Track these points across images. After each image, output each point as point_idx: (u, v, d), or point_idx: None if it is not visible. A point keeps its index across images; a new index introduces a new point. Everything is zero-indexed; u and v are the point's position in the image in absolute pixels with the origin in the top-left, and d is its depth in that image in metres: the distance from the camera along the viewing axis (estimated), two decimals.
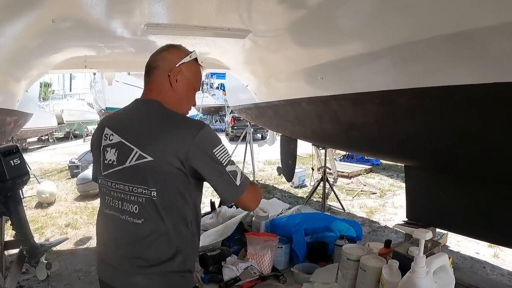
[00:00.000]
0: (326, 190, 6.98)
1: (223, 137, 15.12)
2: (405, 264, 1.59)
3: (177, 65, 1.65)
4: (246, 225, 2.52)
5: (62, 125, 20.67)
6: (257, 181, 9.19)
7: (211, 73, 30.75)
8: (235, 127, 17.58)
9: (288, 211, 2.60)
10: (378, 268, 1.69)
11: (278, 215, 2.52)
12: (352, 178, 9.41)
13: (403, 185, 8.13)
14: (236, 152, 10.07)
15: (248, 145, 9.28)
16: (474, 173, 3.46)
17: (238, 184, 1.55)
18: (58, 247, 5.05)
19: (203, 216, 2.79)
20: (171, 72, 1.64)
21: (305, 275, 2.05)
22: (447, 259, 1.49)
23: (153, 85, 1.68)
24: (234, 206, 2.74)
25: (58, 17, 2.51)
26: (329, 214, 2.93)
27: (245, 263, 2.08)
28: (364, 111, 3.96)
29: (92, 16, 2.64)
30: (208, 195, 3.54)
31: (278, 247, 2.15)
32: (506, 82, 2.40)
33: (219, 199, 2.89)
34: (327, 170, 7.69)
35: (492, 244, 4.91)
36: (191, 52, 1.72)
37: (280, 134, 7.23)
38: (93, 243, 5.39)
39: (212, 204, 2.77)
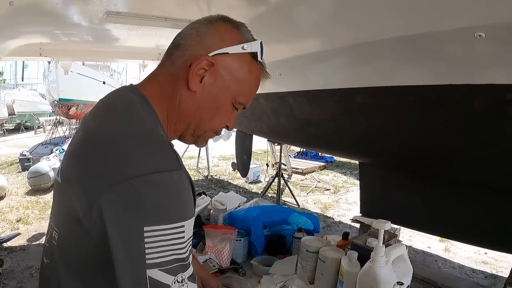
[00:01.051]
0: (281, 186, 7.02)
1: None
2: (364, 255, 1.61)
3: (211, 54, 1.03)
4: (204, 218, 2.50)
5: (13, 116, 19.83)
6: (211, 176, 9.15)
7: None
8: None
9: (246, 204, 2.59)
10: (337, 259, 1.71)
11: (236, 208, 2.50)
12: (306, 175, 9.52)
13: (357, 182, 8.39)
14: (190, 148, 10.00)
15: None
16: (426, 171, 3.58)
17: None
18: (9, 243, 4.93)
19: None
20: (195, 62, 1.03)
21: (264, 267, 2.05)
22: (405, 249, 1.53)
23: (159, 71, 1.11)
24: None
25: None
26: (287, 207, 2.94)
27: (203, 256, 2.06)
28: (320, 108, 4.01)
29: (50, 0, 2.55)
30: None
31: (236, 240, 2.14)
32: (461, 84, 2.49)
33: None
34: (283, 166, 7.74)
35: (443, 239, 5.10)
36: (251, 40, 1.09)
37: (235, 129, 7.22)
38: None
39: None
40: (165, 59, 1.10)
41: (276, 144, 7.37)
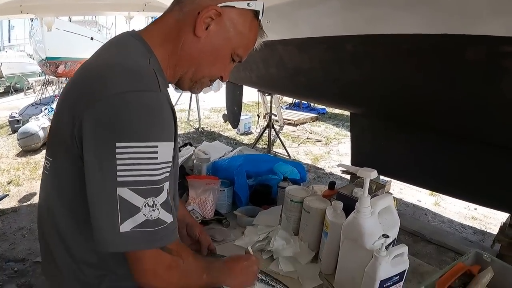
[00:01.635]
0: (272, 137, 6.96)
1: (171, 89, 14.80)
2: (349, 206, 1.54)
3: (220, 5, 1.09)
4: (188, 169, 2.42)
5: (2, 79, 19.34)
6: (202, 128, 9.06)
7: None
8: None
9: (230, 153, 2.50)
10: (322, 210, 1.65)
11: (220, 157, 2.42)
12: (298, 126, 9.45)
13: (349, 133, 8.21)
14: (181, 100, 9.86)
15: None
16: (418, 122, 3.52)
17: (122, 232, 0.92)
18: (0, 206, 4.88)
19: None
20: (204, 10, 1.07)
21: (248, 218, 1.99)
22: (392, 200, 1.46)
23: (165, 17, 1.15)
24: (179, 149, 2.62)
25: None
26: (272, 155, 2.86)
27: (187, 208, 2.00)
28: (310, 56, 3.89)
29: None
30: None
31: (220, 190, 2.07)
32: (455, 34, 2.39)
33: None
34: (274, 117, 7.65)
35: (433, 193, 5.08)
36: None
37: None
38: (36, 199, 5.13)
39: None
40: (173, 6, 1.14)
41: (266, 94, 7.25)
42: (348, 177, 5.22)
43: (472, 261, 1.58)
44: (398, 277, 1.38)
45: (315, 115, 10.53)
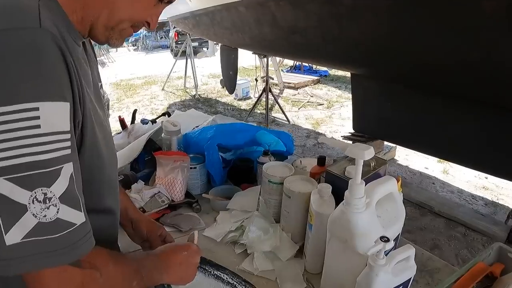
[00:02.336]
0: (271, 102, 6.61)
1: (167, 54, 14.28)
2: (341, 190, 1.21)
3: None
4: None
5: None
6: (199, 95, 8.68)
7: None
8: (179, 42, 16.49)
9: (204, 123, 2.15)
10: (305, 194, 1.31)
11: (194, 128, 2.07)
12: (298, 89, 9.07)
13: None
14: (176, 68, 9.48)
15: (189, 59, 8.71)
16: (425, 83, 3.26)
17: (8, 245, 0.62)
18: None
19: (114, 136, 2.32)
20: None
21: (223, 201, 1.67)
22: (395, 185, 1.11)
23: None
24: (152, 122, 2.28)
25: None
26: (254, 124, 2.51)
27: (151, 190, 1.67)
28: (306, 13, 3.52)
29: None
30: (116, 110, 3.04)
31: (191, 168, 1.75)
32: None
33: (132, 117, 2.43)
34: (273, 81, 7.30)
35: (442, 160, 4.75)
36: None
37: (219, 44, 6.70)
38: None
39: (122, 121, 2.28)
40: None
41: (262, 56, 6.85)
42: (350, 142, 4.89)
43: (494, 257, 1.26)
44: (401, 287, 1.07)
45: (316, 78, 10.12)
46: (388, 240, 0.96)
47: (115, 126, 2.38)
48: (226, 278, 1.22)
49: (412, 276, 1.07)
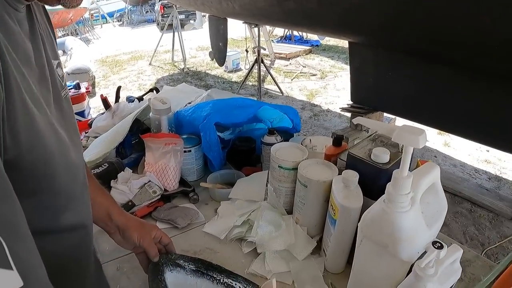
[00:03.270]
0: (262, 73, 6.35)
1: (154, 28, 13.91)
2: (367, 176, 1.01)
3: None
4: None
5: None
6: (188, 68, 8.38)
7: None
8: (165, 15, 15.92)
9: (199, 98, 1.90)
10: (326, 183, 1.10)
11: (186, 105, 1.83)
12: (290, 60, 8.79)
13: (345, 66, 7.74)
14: (163, 42, 9.14)
15: (176, 32, 8.38)
16: (425, 52, 3.09)
17: None
18: None
19: (95, 118, 2.08)
20: None
21: (224, 189, 1.46)
22: (438, 174, 0.90)
23: None
24: (138, 100, 2.05)
25: None
26: (255, 99, 2.27)
27: (140, 180, 1.45)
28: None
29: None
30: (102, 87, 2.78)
31: (184, 151, 1.52)
32: None
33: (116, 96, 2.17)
34: (264, 52, 7.04)
35: (442, 132, 4.58)
36: None
37: (207, 14, 6.39)
38: None
39: (104, 100, 2.04)
40: None
41: (253, 26, 6.54)
42: (348, 114, 4.68)
43: None
44: None
45: (308, 48, 9.84)
46: (442, 246, 0.76)
47: (101, 104, 2.15)
48: (239, 287, 1.02)
49: (456, 281, 0.88)
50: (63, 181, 0.66)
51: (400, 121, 4.75)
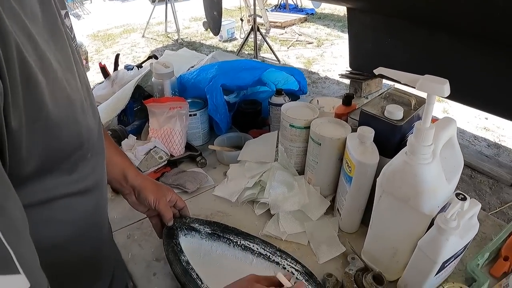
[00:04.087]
0: (258, 42, 6.27)
1: (145, 1, 13.67)
2: (381, 134, 0.99)
3: None
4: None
5: None
6: (182, 39, 8.26)
7: None
8: None
9: (201, 62, 1.86)
10: (340, 140, 1.08)
11: (189, 69, 1.79)
12: (285, 28, 8.67)
13: (341, 34, 7.65)
14: (156, 13, 8.98)
15: (169, 3, 8.22)
16: (424, 17, 3.09)
17: None
18: None
19: (94, 87, 2.03)
20: None
21: (232, 152, 1.44)
22: (455, 128, 0.88)
23: None
24: (137, 67, 2.00)
25: None
26: (259, 60, 2.22)
27: (145, 146, 1.42)
28: None
29: None
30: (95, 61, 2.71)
31: (190, 115, 1.50)
32: None
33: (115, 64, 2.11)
34: (259, 20, 6.94)
35: (441, 99, 4.55)
36: None
37: None
38: None
39: (103, 68, 1.99)
40: None
41: None
42: (347, 81, 4.65)
43: None
44: (462, 248, 0.87)
45: (303, 16, 9.69)
46: (465, 198, 0.75)
47: (96, 77, 2.07)
48: (257, 249, 1.00)
49: (474, 235, 0.87)
50: (66, 138, 0.57)
51: (399, 88, 4.74)
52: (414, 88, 0.72)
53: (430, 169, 0.78)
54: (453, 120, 0.87)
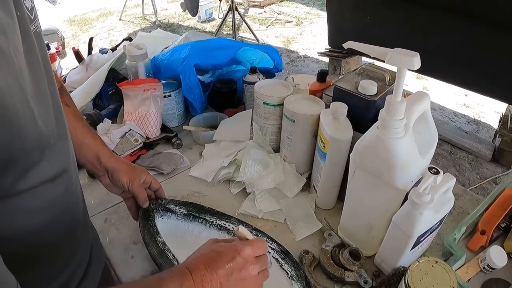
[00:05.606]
0: (237, 22, 6.20)
1: None
2: (355, 110, 0.99)
3: None
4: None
5: None
6: (159, 21, 8.14)
7: None
8: None
9: (175, 42, 1.83)
10: (314, 116, 1.07)
11: (163, 50, 1.75)
12: (264, 7, 8.60)
13: (321, 12, 7.58)
14: None
15: None
16: None
17: None
18: None
19: (68, 73, 1.98)
20: None
21: (208, 131, 1.43)
22: (428, 102, 0.88)
23: None
24: (112, 50, 1.96)
25: None
26: (232, 39, 2.19)
27: (120, 130, 1.40)
28: None
29: None
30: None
31: (164, 96, 1.47)
32: None
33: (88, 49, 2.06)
34: (237, 0, 6.87)
35: (420, 76, 4.58)
36: None
37: None
38: None
39: (77, 52, 1.94)
40: None
41: None
42: (326, 59, 4.63)
43: None
44: (438, 223, 0.87)
45: None
46: (438, 172, 0.75)
47: (74, 63, 2.01)
48: (233, 228, 1.00)
49: (450, 210, 0.87)
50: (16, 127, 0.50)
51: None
52: (384, 61, 0.71)
53: (402, 143, 0.78)
54: (426, 94, 0.87)
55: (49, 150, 0.59)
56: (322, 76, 1.24)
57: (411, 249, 0.86)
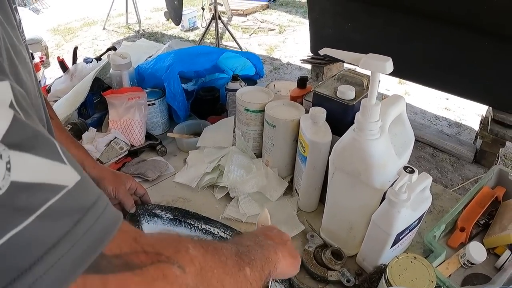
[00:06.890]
0: (220, 30, 6.24)
1: None
2: (334, 114, 1.02)
3: None
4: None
5: None
6: (143, 30, 8.16)
7: None
8: None
9: (159, 51, 1.85)
10: (294, 121, 1.10)
11: (147, 59, 1.78)
12: (247, 16, 8.66)
13: (303, 20, 7.66)
14: (116, 5, 8.81)
15: None
16: (388, 1, 3.11)
17: None
18: None
19: (53, 82, 1.99)
20: None
21: (191, 138, 1.45)
22: (404, 105, 0.91)
23: None
24: (96, 59, 1.97)
25: None
26: (215, 46, 2.22)
27: (105, 138, 1.42)
28: None
29: None
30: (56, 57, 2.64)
31: (148, 104, 1.49)
32: None
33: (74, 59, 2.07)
34: (221, 8, 6.91)
35: (402, 81, 4.64)
36: None
37: None
38: None
39: (61, 62, 1.95)
40: None
41: None
42: (309, 67, 4.68)
43: (495, 181, 1.17)
44: (417, 221, 0.90)
45: (265, 3, 9.68)
46: (413, 170, 0.78)
47: (58, 72, 2.01)
48: (217, 232, 1.02)
49: (428, 208, 0.91)
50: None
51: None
52: (358, 66, 0.74)
53: (378, 144, 0.81)
54: (401, 97, 0.90)
55: None
56: (302, 82, 1.28)
57: (391, 247, 0.88)
